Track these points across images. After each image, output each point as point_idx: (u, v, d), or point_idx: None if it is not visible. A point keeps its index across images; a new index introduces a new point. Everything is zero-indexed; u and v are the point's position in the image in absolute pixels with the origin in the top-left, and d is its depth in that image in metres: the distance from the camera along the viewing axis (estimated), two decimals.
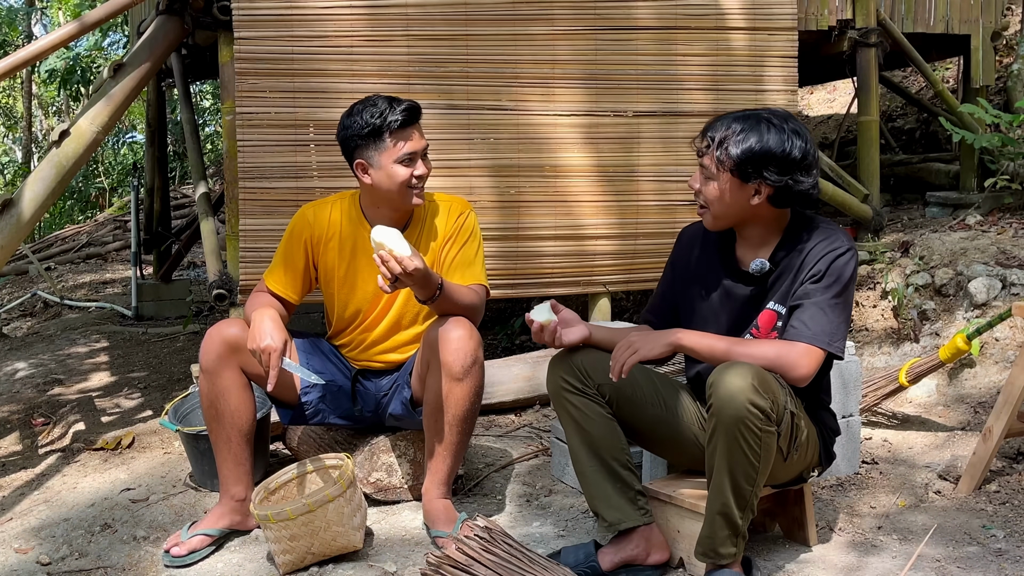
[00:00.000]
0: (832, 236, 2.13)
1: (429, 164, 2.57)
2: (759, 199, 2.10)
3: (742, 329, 2.20)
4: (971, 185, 5.55)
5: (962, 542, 2.37)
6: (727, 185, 2.09)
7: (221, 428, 2.49)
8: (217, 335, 2.47)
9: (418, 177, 2.51)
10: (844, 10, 4.73)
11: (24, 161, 14.69)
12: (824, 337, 2.06)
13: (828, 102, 9.49)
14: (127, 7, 3.61)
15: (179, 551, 2.39)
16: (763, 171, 2.05)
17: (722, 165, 2.08)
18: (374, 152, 2.48)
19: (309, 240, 2.63)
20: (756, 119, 2.08)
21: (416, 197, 2.53)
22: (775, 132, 2.05)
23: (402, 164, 2.48)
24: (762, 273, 2.17)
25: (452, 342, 2.39)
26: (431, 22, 3.69)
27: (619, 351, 2.11)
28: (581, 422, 2.21)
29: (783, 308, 2.15)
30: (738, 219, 2.16)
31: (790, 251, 2.15)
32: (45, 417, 4.00)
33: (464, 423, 2.47)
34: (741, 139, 2.05)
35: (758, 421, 1.93)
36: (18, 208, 3.29)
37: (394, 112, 2.46)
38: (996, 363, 3.51)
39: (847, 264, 2.09)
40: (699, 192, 2.15)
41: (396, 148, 2.47)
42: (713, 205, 2.13)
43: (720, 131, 2.09)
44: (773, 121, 2.07)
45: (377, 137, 2.47)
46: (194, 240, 6.20)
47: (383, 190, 2.51)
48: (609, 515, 2.21)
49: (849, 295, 2.10)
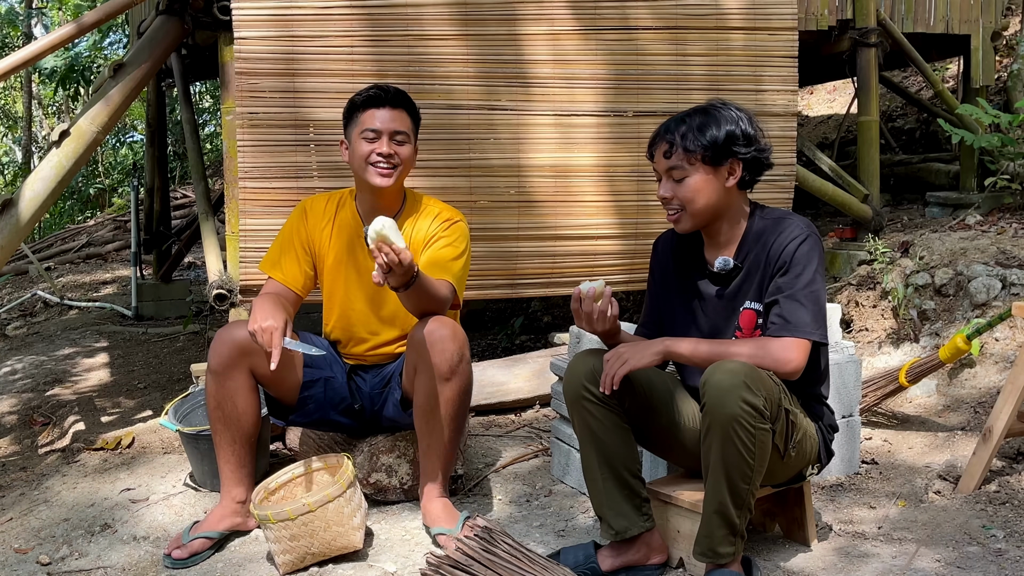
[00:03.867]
0: (790, 226, 2.16)
1: (406, 151, 2.58)
2: (733, 179, 2.17)
3: (723, 330, 2.23)
4: (971, 185, 5.55)
5: (962, 542, 2.37)
6: (702, 175, 2.15)
7: (226, 430, 2.49)
8: (228, 337, 2.47)
9: (380, 155, 2.54)
10: (844, 10, 4.73)
11: (24, 161, 14.70)
12: (806, 327, 2.08)
13: (828, 102, 9.49)
14: (127, 7, 3.61)
15: (180, 554, 2.39)
16: (731, 148, 2.14)
17: (693, 156, 2.14)
18: (350, 128, 2.60)
19: (304, 227, 2.69)
20: (701, 111, 2.18)
21: (378, 176, 2.55)
22: (722, 113, 2.16)
23: (365, 140, 2.55)
24: (727, 271, 2.21)
25: (437, 343, 2.39)
26: (431, 22, 3.69)
27: (609, 363, 2.12)
28: (598, 432, 2.20)
29: (760, 305, 2.18)
30: (714, 212, 2.19)
31: (753, 247, 2.20)
32: (45, 417, 4.00)
33: (455, 421, 2.48)
34: (700, 129, 2.14)
35: (751, 419, 1.94)
36: (18, 208, 3.29)
37: (367, 92, 2.57)
38: (996, 363, 3.51)
39: (811, 250, 2.13)
40: (671, 198, 2.19)
41: (362, 122, 2.56)
42: (691, 203, 2.17)
43: (676, 131, 2.16)
44: (715, 107, 2.18)
45: (353, 113, 2.59)
46: (194, 240, 6.20)
47: (353, 168, 2.61)
48: (616, 523, 2.21)
49: (819, 280, 2.13)
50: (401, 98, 2.59)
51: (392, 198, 2.65)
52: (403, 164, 2.58)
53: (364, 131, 2.54)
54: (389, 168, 2.55)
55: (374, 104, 2.55)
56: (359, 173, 2.58)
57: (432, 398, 2.44)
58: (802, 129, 8.18)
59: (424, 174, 3.70)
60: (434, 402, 2.44)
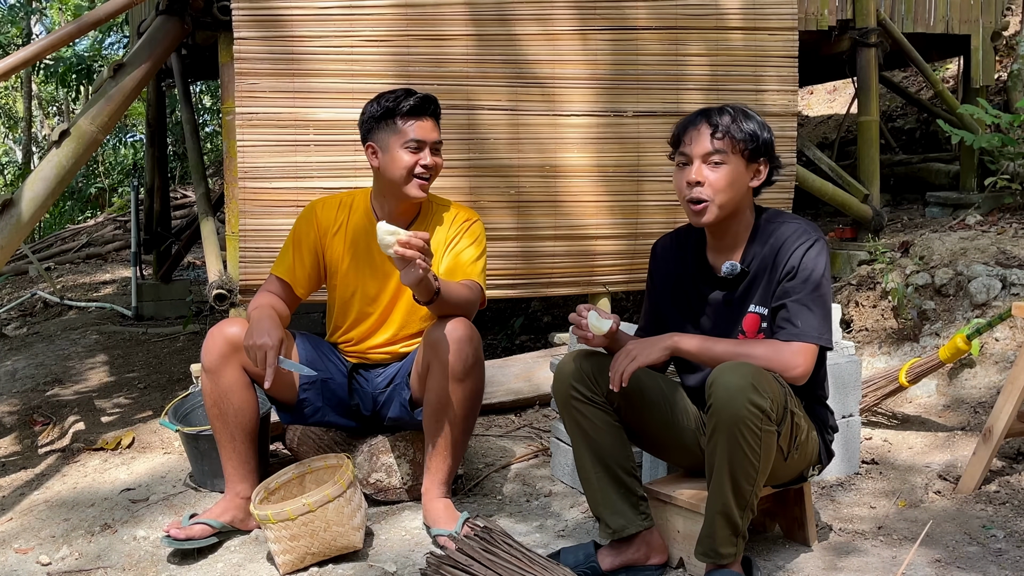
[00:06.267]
0: (798, 230, 2.16)
1: (440, 160, 2.57)
2: (758, 180, 2.18)
3: (726, 334, 2.23)
4: (971, 185, 5.55)
5: (962, 542, 2.37)
6: (737, 166, 2.14)
7: (225, 427, 2.50)
8: (219, 334, 2.48)
9: (424, 167, 2.51)
10: (844, 10, 4.73)
11: (24, 161, 14.70)
12: (814, 332, 2.09)
13: (828, 102, 9.50)
14: (127, 7, 3.61)
15: (178, 534, 2.39)
16: (767, 149, 2.16)
17: (737, 145, 2.13)
18: (384, 134, 2.52)
19: (317, 231, 2.66)
20: (737, 108, 2.18)
21: (418, 188, 2.53)
22: (753, 116, 2.18)
23: (408, 150, 2.50)
24: (734, 275, 2.20)
25: (453, 343, 2.39)
26: (431, 22, 3.69)
27: (618, 360, 2.11)
28: (589, 431, 2.21)
29: (765, 310, 2.17)
30: (735, 207, 2.18)
31: (760, 251, 2.19)
32: (45, 417, 4.00)
33: (465, 423, 2.49)
34: (743, 122, 2.14)
35: (758, 420, 1.94)
36: (18, 208, 3.29)
37: (408, 99, 2.51)
38: (996, 363, 3.51)
39: (819, 256, 2.13)
40: (701, 184, 2.14)
41: (404, 132, 2.50)
42: (720, 193, 2.14)
43: (723, 118, 2.14)
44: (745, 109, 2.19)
45: (389, 119, 2.51)
46: (194, 240, 6.20)
47: (387, 176, 2.54)
48: (613, 522, 2.21)
49: (826, 285, 2.13)
50: (438, 105, 2.57)
51: (418, 204, 2.65)
52: (437, 175, 2.59)
53: (408, 142, 2.50)
54: (429, 180, 2.55)
55: (417, 114, 2.51)
56: (397, 182, 2.53)
57: (444, 398, 2.44)
58: (802, 129, 8.18)
59: None
60: (446, 402, 2.44)
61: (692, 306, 2.29)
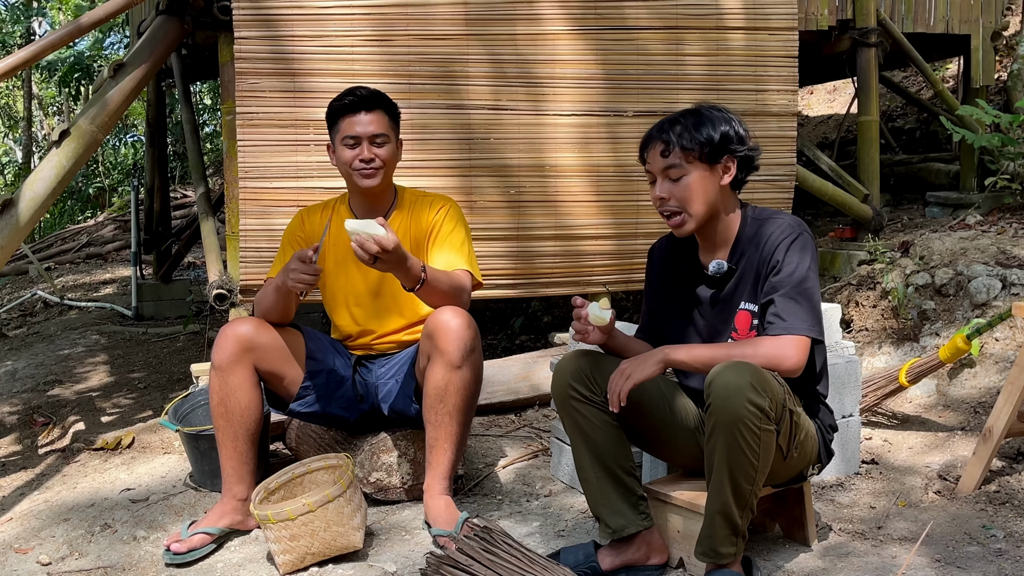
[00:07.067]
0: (782, 225, 2.17)
1: (385, 152, 2.63)
2: (728, 177, 2.18)
3: (720, 333, 2.24)
4: (971, 185, 5.55)
5: (962, 542, 2.37)
6: (699, 173, 2.15)
7: (229, 426, 2.50)
8: (231, 332, 2.50)
9: (362, 161, 2.61)
10: (844, 10, 4.73)
11: (24, 161, 14.70)
12: (804, 325, 2.09)
13: (828, 102, 9.50)
14: (127, 7, 3.61)
15: (179, 548, 2.39)
16: (727, 146, 2.15)
17: (691, 154, 2.14)
18: (333, 135, 2.67)
19: (302, 238, 2.73)
20: (692, 113, 2.19)
21: (364, 178, 2.62)
22: (713, 114, 2.18)
23: (346, 146, 2.62)
24: (721, 274, 2.22)
25: (450, 332, 2.43)
26: (431, 22, 3.69)
27: (613, 381, 2.12)
28: (588, 431, 2.21)
29: (755, 306, 2.18)
30: (711, 211, 2.19)
31: (746, 248, 2.20)
32: (45, 417, 4.00)
33: (464, 413, 2.50)
34: (696, 127, 2.15)
35: (757, 420, 1.94)
36: (18, 208, 3.29)
37: (345, 98, 2.62)
38: (996, 363, 3.51)
39: (803, 249, 2.13)
40: (668, 199, 2.18)
41: (342, 130, 2.62)
42: (690, 203, 2.17)
43: (672, 131, 2.16)
44: (705, 108, 2.19)
45: (333, 120, 2.66)
46: (194, 240, 6.20)
47: (341, 172, 2.68)
48: (613, 521, 2.21)
49: (813, 276, 2.14)
50: (376, 99, 2.63)
51: (382, 196, 2.71)
52: (387, 164, 2.64)
53: (344, 138, 2.61)
54: (372, 171, 2.62)
55: (350, 111, 2.61)
56: (347, 177, 2.66)
57: (442, 387, 2.46)
58: (802, 129, 8.18)
59: (424, 174, 3.71)
60: (443, 391, 2.46)
61: (686, 306, 2.31)
